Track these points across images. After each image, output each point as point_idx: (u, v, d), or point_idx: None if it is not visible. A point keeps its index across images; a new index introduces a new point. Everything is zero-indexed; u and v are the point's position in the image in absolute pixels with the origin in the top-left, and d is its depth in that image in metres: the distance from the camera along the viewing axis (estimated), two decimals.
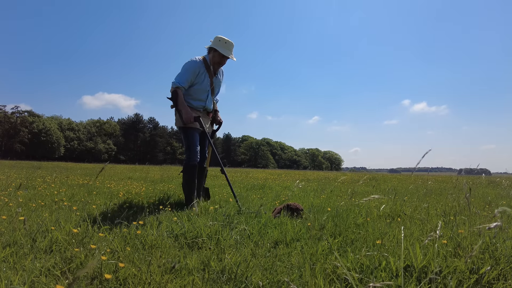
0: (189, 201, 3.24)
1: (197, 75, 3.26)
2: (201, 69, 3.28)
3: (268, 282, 1.46)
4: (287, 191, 5.71)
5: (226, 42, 3.26)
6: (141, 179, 8.43)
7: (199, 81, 3.29)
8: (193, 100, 3.35)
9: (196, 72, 3.25)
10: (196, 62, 3.26)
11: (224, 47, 3.25)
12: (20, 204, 3.08)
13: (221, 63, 3.34)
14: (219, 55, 3.28)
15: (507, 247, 1.68)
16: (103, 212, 2.86)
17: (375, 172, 52.98)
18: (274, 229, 2.33)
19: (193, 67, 3.22)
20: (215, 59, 3.30)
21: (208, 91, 3.38)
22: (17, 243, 1.79)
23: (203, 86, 3.32)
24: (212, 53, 3.32)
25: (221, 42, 3.26)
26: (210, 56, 3.33)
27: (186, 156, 3.29)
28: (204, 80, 3.31)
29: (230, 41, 3.28)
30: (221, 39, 3.27)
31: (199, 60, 3.29)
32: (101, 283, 1.38)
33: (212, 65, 3.36)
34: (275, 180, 9.59)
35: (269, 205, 3.63)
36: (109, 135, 72.16)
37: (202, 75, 3.29)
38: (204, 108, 3.41)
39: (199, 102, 3.37)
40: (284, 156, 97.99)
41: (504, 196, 5.41)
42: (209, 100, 3.42)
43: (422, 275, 1.46)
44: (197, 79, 3.27)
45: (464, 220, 2.62)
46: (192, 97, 3.34)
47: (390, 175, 19.52)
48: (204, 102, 3.38)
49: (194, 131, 3.29)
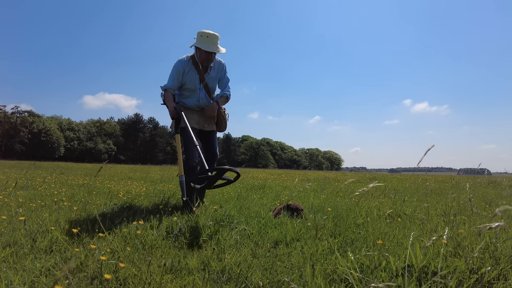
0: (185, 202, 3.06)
1: (183, 74, 3.19)
2: (187, 67, 3.20)
3: (268, 282, 1.46)
4: (287, 190, 5.71)
5: (208, 36, 3.07)
6: (141, 179, 8.43)
7: (188, 79, 3.22)
8: (186, 99, 3.30)
9: (181, 71, 3.17)
10: (181, 61, 3.20)
11: (206, 41, 3.08)
12: (20, 204, 3.07)
13: (209, 59, 3.18)
14: (204, 52, 3.12)
15: (507, 247, 1.68)
16: (103, 212, 2.86)
17: (375, 172, 52.97)
18: (274, 229, 2.33)
19: (177, 67, 3.17)
20: (202, 56, 3.16)
21: (198, 89, 3.28)
22: (17, 243, 1.79)
23: (192, 85, 3.24)
24: (198, 51, 3.21)
25: (203, 37, 3.08)
26: (198, 54, 3.22)
27: (184, 158, 3.20)
28: (193, 77, 3.23)
29: (213, 33, 3.10)
30: (203, 33, 3.08)
31: (186, 58, 3.22)
32: (101, 283, 1.38)
33: (201, 63, 3.23)
34: (275, 180, 9.59)
35: (269, 205, 3.63)
36: (109, 135, 72.18)
37: (189, 73, 3.21)
38: (198, 106, 3.33)
39: (191, 101, 3.30)
40: (284, 156, 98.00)
41: (504, 196, 5.41)
42: (202, 98, 3.31)
43: (422, 275, 1.46)
44: (185, 77, 3.21)
45: (464, 220, 2.62)
46: (184, 95, 3.30)
47: (390, 175, 19.53)
48: (197, 100, 3.30)
49: (188, 131, 3.12)
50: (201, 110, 3.35)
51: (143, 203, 3.47)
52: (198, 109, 3.34)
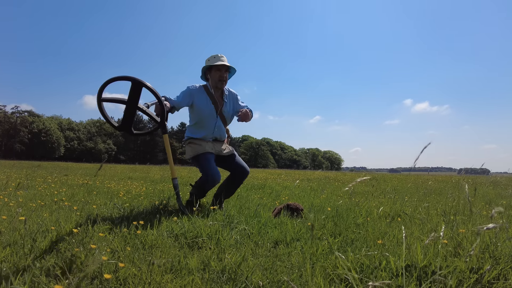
0: (190, 204, 3.08)
1: (191, 95, 3.04)
2: (198, 92, 3.08)
3: (268, 282, 1.46)
4: (288, 190, 5.71)
5: (215, 57, 3.06)
6: (141, 179, 8.43)
7: (201, 104, 3.06)
8: (200, 129, 3.13)
9: (187, 93, 3.04)
10: (191, 86, 3.10)
11: (214, 60, 3.04)
12: (20, 204, 3.07)
13: (222, 78, 3.06)
14: (215, 69, 3.04)
15: (507, 246, 1.68)
16: (103, 212, 2.86)
17: (375, 172, 53.01)
18: (274, 229, 2.33)
19: (185, 90, 3.07)
20: (214, 77, 3.06)
21: (214, 117, 3.12)
22: (17, 243, 1.79)
23: (206, 113, 3.08)
24: (209, 74, 3.11)
25: (210, 58, 3.08)
26: (210, 80, 3.11)
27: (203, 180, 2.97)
28: (206, 104, 3.08)
29: (219, 54, 3.09)
30: (210, 57, 3.09)
31: (197, 85, 3.13)
32: (101, 283, 1.38)
33: (215, 87, 3.10)
34: (275, 180, 9.59)
35: (269, 205, 3.63)
36: (109, 135, 72.16)
37: (201, 98, 3.07)
38: (213, 136, 3.18)
39: (205, 132, 3.13)
40: (284, 156, 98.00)
41: (504, 196, 5.41)
42: (219, 126, 3.17)
43: (422, 275, 1.46)
44: (197, 101, 3.06)
45: (464, 219, 2.62)
46: (198, 125, 3.13)
47: (390, 174, 19.56)
48: (212, 131, 3.14)
49: (204, 155, 3.03)
50: (215, 140, 3.22)
51: (143, 203, 3.47)
52: (212, 139, 3.20)
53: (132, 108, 2.54)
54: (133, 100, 2.51)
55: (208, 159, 3.00)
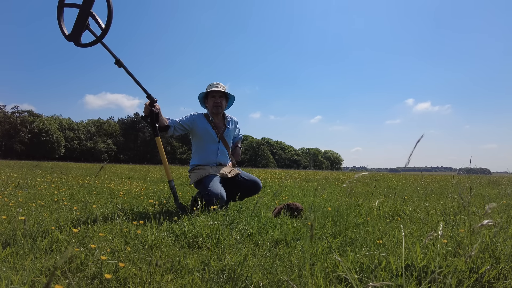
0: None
1: (193, 120, 3.17)
2: (199, 118, 3.20)
3: (268, 282, 1.46)
4: (288, 190, 5.71)
5: (210, 84, 3.24)
6: (141, 179, 8.43)
7: (202, 130, 3.17)
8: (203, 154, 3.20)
9: (191, 117, 3.17)
10: (193, 114, 3.23)
11: (209, 87, 3.22)
12: (20, 204, 3.07)
13: (217, 104, 3.18)
14: (210, 95, 3.20)
15: (507, 246, 1.68)
16: (103, 212, 2.86)
17: (375, 171, 52.99)
18: (274, 228, 2.33)
19: (188, 115, 3.19)
20: (210, 104, 3.21)
21: (216, 143, 3.22)
22: (17, 243, 1.79)
23: (208, 139, 3.19)
24: (206, 102, 3.27)
25: (207, 86, 3.27)
26: (208, 107, 3.25)
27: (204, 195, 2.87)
28: (207, 130, 3.19)
29: (214, 82, 3.24)
30: (207, 86, 3.28)
31: (199, 113, 3.28)
32: (101, 283, 1.38)
33: (213, 114, 3.24)
34: (275, 180, 9.59)
35: (269, 205, 3.63)
36: (109, 135, 72.20)
37: (202, 123, 3.18)
38: (216, 162, 3.23)
39: (209, 157, 3.20)
40: (284, 156, 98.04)
41: (504, 196, 5.41)
42: (222, 151, 3.25)
43: (422, 275, 1.46)
44: (198, 125, 3.17)
45: (464, 219, 2.62)
46: (202, 149, 3.21)
47: (390, 174, 19.56)
48: (215, 156, 3.21)
49: (208, 176, 3.05)
50: (219, 165, 3.25)
51: (143, 203, 3.47)
52: (217, 165, 3.24)
53: (84, 14, 2.45)
54: (87, 5, 2.42)
55: (212, 179, 3.01)
